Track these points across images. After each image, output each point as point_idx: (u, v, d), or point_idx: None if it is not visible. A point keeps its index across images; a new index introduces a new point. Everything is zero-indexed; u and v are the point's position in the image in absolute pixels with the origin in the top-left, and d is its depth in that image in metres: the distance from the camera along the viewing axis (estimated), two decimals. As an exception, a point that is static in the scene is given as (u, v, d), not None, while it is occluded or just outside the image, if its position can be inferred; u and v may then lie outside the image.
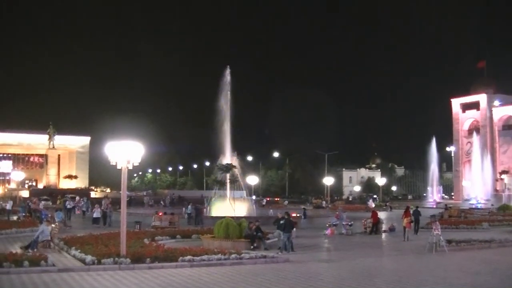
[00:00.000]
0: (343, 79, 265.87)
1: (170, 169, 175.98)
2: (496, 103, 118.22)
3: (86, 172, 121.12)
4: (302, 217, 48.77)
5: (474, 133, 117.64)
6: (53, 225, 30.63)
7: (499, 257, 25.45)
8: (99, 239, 26.38)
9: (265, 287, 17.59)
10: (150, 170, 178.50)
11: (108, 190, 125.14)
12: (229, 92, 52.93)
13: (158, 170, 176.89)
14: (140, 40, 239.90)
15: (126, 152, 21.97)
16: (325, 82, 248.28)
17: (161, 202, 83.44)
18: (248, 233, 28.09)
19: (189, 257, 21.82)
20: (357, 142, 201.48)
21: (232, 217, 32.33)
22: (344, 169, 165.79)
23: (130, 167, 22.44)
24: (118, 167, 22.15)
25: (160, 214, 41.98)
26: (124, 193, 23.52)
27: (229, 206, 48.17)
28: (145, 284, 17.80)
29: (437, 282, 18.62)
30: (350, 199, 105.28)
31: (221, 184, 48.70)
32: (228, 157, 50.93)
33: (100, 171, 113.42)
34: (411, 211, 36.95)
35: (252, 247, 26.87)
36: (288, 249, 26.27)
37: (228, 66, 53.50)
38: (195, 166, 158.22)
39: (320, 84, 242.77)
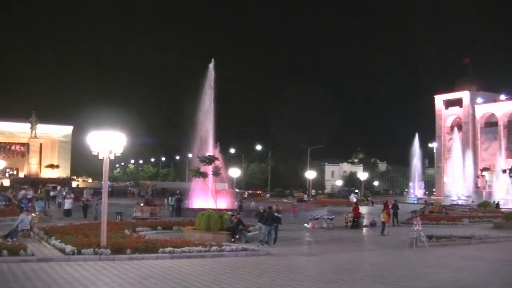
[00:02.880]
0: (327, 75, 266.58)
1: (152, 160, 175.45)
2: (479, 100, 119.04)
3: (68, 161, 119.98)
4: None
5: (456, 130, 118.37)
6: (33, 215, 30.41)
7: (479, 253, 25.67)
8: (79, 229, 26.28)
9: (245, 279, 17.55)
10: (132, 161, 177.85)
11: (90, 180, 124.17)
12: (213, 84, 52.80)
13: (141, 161, 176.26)
14: (125, 30, 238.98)
15: (109, 142, 21.87)
16: (310, 78, 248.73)
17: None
18: (230, 225, 28.10)
19: (169, 248, 21.76)
20: (340, 137, 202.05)
21: (214, 209, 32.30)
22: (326, 163, 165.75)
23: (112, 157, 22.33)
24: (100, 157, 22.01)
25: (142, 205, 41.85)
26: (105, 184, 23.43)
27: (210, 198, 48.04)
28: (125, 275, 17.70)
29: (417, 277, 18.70)
30: (313, 194, 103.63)
31: (203, 176, 48.37)
32: (210, 149, 50.77)
33: (82, 161, 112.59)
34: (390, 205, 37.28)
35: (233, 239, 26.91)
36: (270, 242, 26.29)
37: (213, 59, 53.45)
38: (177, 157, 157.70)
39: (304, 79, 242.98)
